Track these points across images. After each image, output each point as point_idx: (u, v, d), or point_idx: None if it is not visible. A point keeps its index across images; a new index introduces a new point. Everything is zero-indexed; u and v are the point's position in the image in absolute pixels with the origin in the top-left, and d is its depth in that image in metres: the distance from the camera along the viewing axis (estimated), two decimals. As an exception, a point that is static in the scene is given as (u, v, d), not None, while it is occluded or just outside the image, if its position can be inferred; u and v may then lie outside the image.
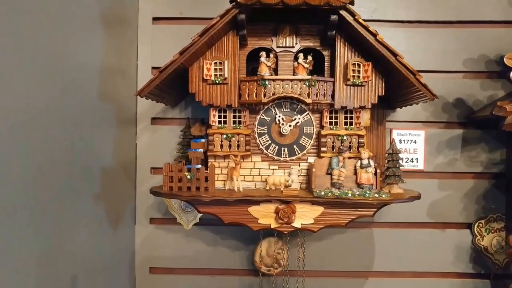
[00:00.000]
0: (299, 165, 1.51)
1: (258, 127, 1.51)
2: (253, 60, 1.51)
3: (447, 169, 1.80)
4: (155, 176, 1.83)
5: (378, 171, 1.39)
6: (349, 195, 1.34)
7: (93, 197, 1.51)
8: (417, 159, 1.80)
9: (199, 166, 1.43)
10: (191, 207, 1.78)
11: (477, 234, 1.78)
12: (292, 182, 1.41)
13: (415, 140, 1.80)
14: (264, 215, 1.41)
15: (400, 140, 1.77)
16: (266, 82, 1.40)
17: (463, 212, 1.81)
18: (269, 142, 1.51)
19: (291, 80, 1.41)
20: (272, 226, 1.41)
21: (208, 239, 1.83)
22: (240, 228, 1.80)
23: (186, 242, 1.83)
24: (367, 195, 1.33)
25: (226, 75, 1.42)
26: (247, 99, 1.44)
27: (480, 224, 1.78)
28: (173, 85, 1.51)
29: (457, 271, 1.82)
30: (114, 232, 1.68)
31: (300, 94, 1.41)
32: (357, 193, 1.34)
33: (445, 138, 1.80)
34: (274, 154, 1.51)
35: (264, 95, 1.41)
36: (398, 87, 1.46)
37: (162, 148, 1.81)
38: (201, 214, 1.79)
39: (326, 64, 1.51)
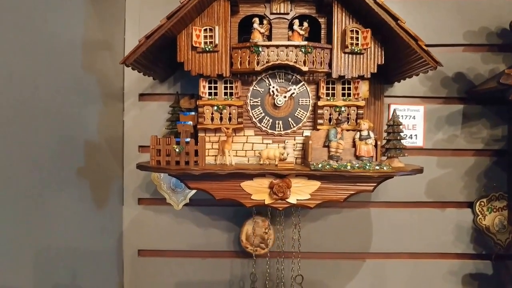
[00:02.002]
0: (294, 139, 1.43)
1: (251, 99, 1.43)
2: (245, 32, 1.43)
3: (447, 146, 1.73)
4: (143, 154, 1.74)
5: (379, 143, 1.32)
6: (348, 167, 1.26)
7: (77, 175, 1.42)
8: (416, 135, 1.73)
9: (189, 139, 1.35)
10: (181, 186, 1.70)
11: (479, 213, 1.72)
12: (287, 155, 1.33)
13: (414, 116, 1.73)
14: (257, 190, 1.34)
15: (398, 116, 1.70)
16: (260, 49, 1.32)
17: (464, 190, 1.74)
18: (263, 115, 1.43)
19: (286, 47, 1.33)
20: (266, 202, 1.34)
21: (199, 220, 1.75)
22: (232, 209, 1.74)
23: (176, 223, 1.75)
24: (367, 167, 1.26)
25: (217, 42, 1.34)
26: (239, 67, 1.35)
27: (482, 203, 1.72)
28: (161, 55, 1.43)
29: (457, 251, 1.76)
30: (100, 213, 1.59)
31: (295, 62, 1.32)
32: (357, 165, 1.27)
33: (444, 114, 1.73)
34: (268, 127, 1.44)
35: (258, 63, 1.32)
36: (398, 57, 1.39)
37: (150, 125, 1.72)
38: (192, 194, 1.71)
39: (323, 32, 1.43)
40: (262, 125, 1.43)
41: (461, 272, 1.76)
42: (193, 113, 1.46)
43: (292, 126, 1.43)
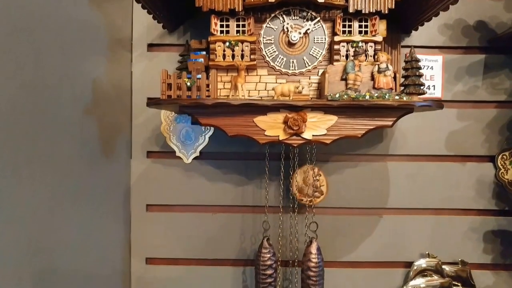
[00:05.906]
0: (309, 78, 1.38)
1: (264, 36, 1.38)
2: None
3: (467, 98, 1.66)
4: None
5: (398, 75, 1.26)
6: (367, 97, 1.20)
7: (82, 128, 1.34)
8: (434, 86, 1.66)
9: (200, 75, 1.29)
10: (190, 139, 1.66)
11: (501, 167, 1.65)
12: (302, 88, 1.28)
13: (432, 66, 1.66)
14: (271, 126, 1.28)
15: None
16: (274, -22, 1.27)
17: (485, 143, 1.67)
18: (276, 53, 1.38)
19: (301, -23, 1.27)
20: (280, 138, 1.28)
21: (209, 174, 1.69)
22: (243, 162, 1.68)
23: (185, 177, 1.69)
24: (387, 97, 1.20)
25: (229, -28, 1.29)
26: (252, 1, 1.30)
27: (504, 157, 1.65)
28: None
29: (478, 207, 1.68)
30: (107, 167, 1.53)
31: (311, -8, 1.27)
32: (376, 95, 1.21)
33: (464, 64, 1.66)
34: (282, 66, 1.38)
35: (272, -6, 1.28)
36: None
37: (159, 77, 1.66)
38: (202, 147, 1.66)
39: (339, -34, 1.38)
40: (276, 64, 1.38)
41: (482, 228, 1.68)
42: (204, 52, 1.41)
43: (307, 65, 1.38)
